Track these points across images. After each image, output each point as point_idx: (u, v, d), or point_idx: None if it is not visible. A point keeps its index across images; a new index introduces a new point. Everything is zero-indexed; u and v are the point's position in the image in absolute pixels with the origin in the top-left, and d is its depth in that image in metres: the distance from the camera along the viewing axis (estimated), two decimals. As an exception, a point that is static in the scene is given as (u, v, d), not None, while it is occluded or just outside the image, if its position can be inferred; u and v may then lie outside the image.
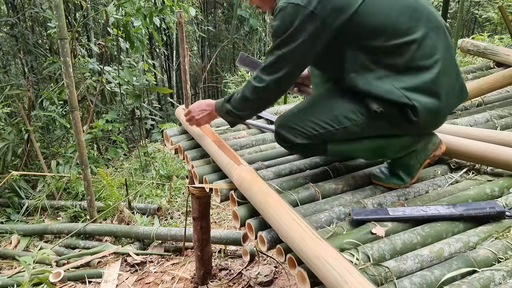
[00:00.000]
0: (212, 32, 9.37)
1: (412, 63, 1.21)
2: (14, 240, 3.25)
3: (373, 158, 1.50)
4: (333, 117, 1.31)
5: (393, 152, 1.38)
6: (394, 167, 1.42)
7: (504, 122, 1.82)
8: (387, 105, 1.23)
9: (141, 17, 4.21)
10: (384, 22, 1.20)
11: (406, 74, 1.22)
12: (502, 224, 1.16)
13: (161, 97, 8.72)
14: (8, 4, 5.82)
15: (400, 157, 1.38)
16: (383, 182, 1.42)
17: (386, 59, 1.22)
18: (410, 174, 1.40)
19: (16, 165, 4.39)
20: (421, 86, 1.21)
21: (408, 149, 1.37)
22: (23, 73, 5.68)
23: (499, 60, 2.54)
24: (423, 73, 1.22)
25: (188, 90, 2.06)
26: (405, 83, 1.21)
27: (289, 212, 1.11)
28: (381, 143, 1.36)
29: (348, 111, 1.30)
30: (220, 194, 1.45)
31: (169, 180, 4.14)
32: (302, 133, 1.34)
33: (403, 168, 1.39)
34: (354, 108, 1.29)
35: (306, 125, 1.33)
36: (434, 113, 1.25)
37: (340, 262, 0.92)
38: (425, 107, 1.21)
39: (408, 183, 1.40)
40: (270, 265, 2.46)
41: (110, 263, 2.71)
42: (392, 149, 1.37)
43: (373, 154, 1.42)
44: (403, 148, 1.36)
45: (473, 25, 8.51)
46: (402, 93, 1.20)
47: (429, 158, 1.40)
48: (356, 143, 1.36)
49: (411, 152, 1.37)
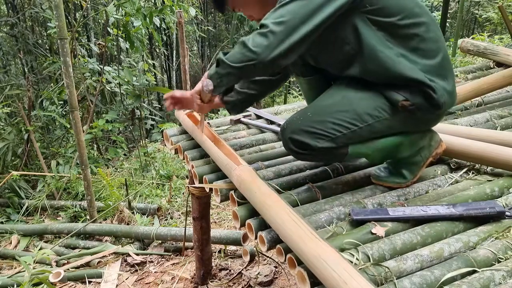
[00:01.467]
0: (212, 32, 9.37)
1: (423, 44, 1.23)
2: (14, 240, 3.25)
3: (386, 158, 1.43)
4: (355, 115, 1.25)
5: (407, 150, 1.36)
6: (398, 165, 1.41)
7: (504, 122, 1.82)
8: (410, 92, 1.23)
9: (141, 17, 4.20)
10: (399, 2, 1.22)
11: (419, 56, 1.24)
12: (502, 224, 1.16)
13: (161, 97, 8.72)
14: (8, 4, 5.82)
15: (408, 155, 1.37)
16: (385, 181, 1.41)
17: (401, 38, 1.23)
18: (413, 172, 1.39)
19: (16, 165, 4.39)
20: (433, 68, 1.24)
21: (417, 146, 1.36)
22: (23, 73, 5.68)
23: (499, 60, 2.54)
24: (432, 56, 1.24)
25: (188, 90, 2.06)
26: (420, 65, 1.23)
27: (289, 212, 1.11)
28: (397, 140, 1.34)
29: (370, 107, 1.26)
30: (220, 194, 1.45)
31: (169, 180, 4.14)
32: (324, 136, 1.25)
33: (407, 166, 1.39)
34: (375, 103, 1.26)
35: (328, 127, 1.25)
36: (450, 95, 1.27)
37: (340, 262, 0.92)
38: (443, 88, 1.24)
39: (410, 181, 1.39)
40: (270, 265, 2.46)
41: (110, 263, 2.71)
42: (406, 146, 1.36)
43: (388, 153, 1.38)
44: (414, 145, 1.36)
45: (473, 25, 8.51)
46: (422, 74, 1.22)
47: (431, 156, 1.40)
48: (373, 143, 1.33)
49: (419, 149, 1.37)
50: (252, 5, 1.40)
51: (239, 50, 1.20)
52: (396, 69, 1.22)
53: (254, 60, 1.17)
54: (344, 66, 1.32)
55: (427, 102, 1.24)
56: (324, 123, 1.26)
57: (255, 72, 1.26)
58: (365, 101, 1.27)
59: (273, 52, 1.16)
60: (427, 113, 1.27)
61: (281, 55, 1.18)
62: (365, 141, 1.32)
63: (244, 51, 1.19)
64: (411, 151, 1.37)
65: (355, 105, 1.27)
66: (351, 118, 1.26)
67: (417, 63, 1.23)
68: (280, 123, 1.97)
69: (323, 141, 1.26)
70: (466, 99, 2.00)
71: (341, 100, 1.30)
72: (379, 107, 1.26)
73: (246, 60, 1.18)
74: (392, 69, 1.22)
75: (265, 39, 1.16)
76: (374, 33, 1.23)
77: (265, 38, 1.16)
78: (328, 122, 1.26)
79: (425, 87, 1.22)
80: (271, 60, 1.17)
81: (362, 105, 1.27)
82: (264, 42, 1.16)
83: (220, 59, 1.24)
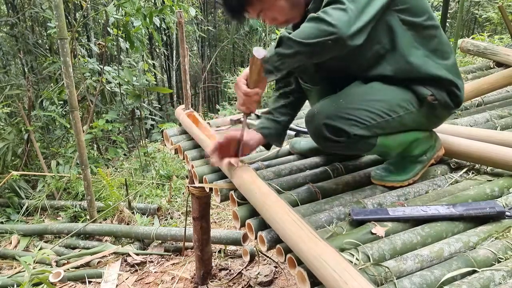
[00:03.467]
0: (212, 32, 9.37)
1: (440, 46, 1.29)
2: (14, 240, 3.25)
3: (402, 154, 1.40)
4: (388, 105, 1.26)
5: (421, 146, 1.38)
6: (403, 163, 1.41)
7: (504, 122, 1.82)
8: (436, 88, 1.28)
9: (141, 17, 4.20)
10: (423, 3, 1.27)
11: (438, 57, 1.29)
12: (502, 224, 1.16)
13: (161, 97, 8.72)
14: (8, 4, 5.82)
15: (419, 153, 1.39)
16: (386, 181, 1.41)
17: (425, 38, 1.27)
18: (417, 171, 1.41)
19: (16, 165, 4.39)
20: (451, 68, 1.30)
21: (428, 144, 1.40)
22: (23, 73, 5.68)
23: (499, 60, 2.54)
24: (447, 57, 1.31)
25: (188, 90, 2.06)
26: (442, 65, 1.28)
27: (289, 212, 1.11)
28: (416, 136, 1.36)
29: (400, 99, 1.28)
30: (220, 194, 1.45)
31: (169, 180, 4.14)
32: (360, 123, 1.23)
33: (412, 165, 1.40)
34: (404, 96, 1.29)
35: (363, 114, 1.23)
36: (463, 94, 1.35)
37: (340, 262, 0.92)
38: (462, 86, 1.32)
39: (411, 179, 1.40)
40: (270, 265, 2.46)
41: (110, 263, 2.71)
42: (421, 143, 1.38)
43: (406, 148, 1.37)
44: (427, 142, 1.40)
45: (473, 25, 8.51)
46: (447, 72, 1.28)
47: (433, 158, 1.43)
48: (399, 136, 1.34)
49: (428, 148, 1.40)
50: (282, 7, 1.31)
51: (313, 25, 1.11)
52: (426, 68, 1.26)
53: (334, 34, 1.09)
54: (371, 65, 1.31)
55: (450, 99, 1.31)
56: (359, 110, 1.24)
57: (331, 50, 1.14)
58: (395, 93, 1.29)
59: (353, 27, 1.10)
60: (446, 109, 1.34)
61: (358, 31, 1.12)
62: (393, 133, 1.32)
63: (321, 25, 1.10)
64: (422, 148, 1.39)
65: (388, 96, 1.28)
66: (385, 108, 1.26)
67: (439, 63, 1.28)
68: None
69: (358, 128, 1.23)
70: (466, 99, 2.00)
71: (372, 90, 1.29)
72: (408, 100, 1.29)
73: (324, 35, 1.09)
74: (423, 68, 1.26)
75: (345, 13, 1.10)
76: (405, 32, 1.25)
77: (345, 12, 1.10)
78: (363, 110, 1.24)
79: (451, 85, 1.29)
80: (350, 35, 1.10)
81: (393, 97, 1.28)
82: (344, 17, 1.10)
83: (285, 37, 1.14)
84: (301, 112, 2.16)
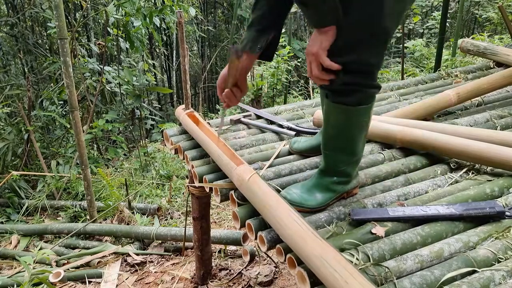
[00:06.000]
0: (212, 32, 9.37)
1: None
2: (14, 240, 3.25)
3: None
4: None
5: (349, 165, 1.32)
6: (322, 180, 1.32)
7: (504, 122, 1.82)
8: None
9: (141, 17, 4.20)
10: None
11: None
12: (502, 224, 1.16)
13: (161, 97, 8.72)
14: (8, 4, 5.82)
15: (353, 161, 1.31)
16: (297, 204, 1.29)
17: None
18: (334, 192, 1.32)
19: (16, 165, 4.39)
20: None
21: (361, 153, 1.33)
22: (23, 73, 5.67)
23: (499, 60, 2.54)
24: None
25: (188, 90, 2.06)
26: None
27: (289, 212, 1.11)
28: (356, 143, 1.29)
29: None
30: (220, 194, 1.45)
31: (169, 180, 4.14)
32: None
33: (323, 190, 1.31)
34: None
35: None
36: None
37: (340, 262, 0.92)
38: None
39: (323, 206, 1.30)
40: (270, 265, 2.46)
41: (110, 263, 2.71)
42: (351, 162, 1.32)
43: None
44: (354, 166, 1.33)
45: (473, 25, 8.50)
46: None
47: (348, 191, 1.35)
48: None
49: (358, 160, 1.33)
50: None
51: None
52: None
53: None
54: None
55: None
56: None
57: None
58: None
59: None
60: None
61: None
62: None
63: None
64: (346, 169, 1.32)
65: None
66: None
67: None
68: (280, 123, 1.97)
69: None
70: (466, 99, 2.00)
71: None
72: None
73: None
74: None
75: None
76: None
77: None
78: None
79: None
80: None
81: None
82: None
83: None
84: (301, 112, 2.17)
